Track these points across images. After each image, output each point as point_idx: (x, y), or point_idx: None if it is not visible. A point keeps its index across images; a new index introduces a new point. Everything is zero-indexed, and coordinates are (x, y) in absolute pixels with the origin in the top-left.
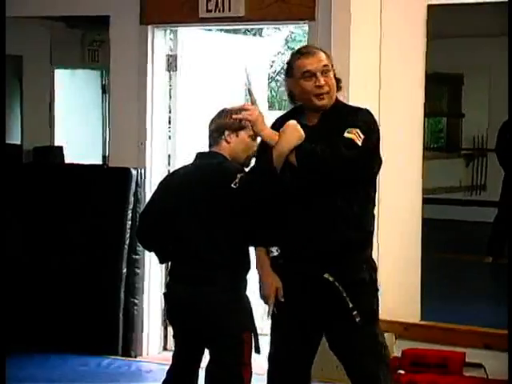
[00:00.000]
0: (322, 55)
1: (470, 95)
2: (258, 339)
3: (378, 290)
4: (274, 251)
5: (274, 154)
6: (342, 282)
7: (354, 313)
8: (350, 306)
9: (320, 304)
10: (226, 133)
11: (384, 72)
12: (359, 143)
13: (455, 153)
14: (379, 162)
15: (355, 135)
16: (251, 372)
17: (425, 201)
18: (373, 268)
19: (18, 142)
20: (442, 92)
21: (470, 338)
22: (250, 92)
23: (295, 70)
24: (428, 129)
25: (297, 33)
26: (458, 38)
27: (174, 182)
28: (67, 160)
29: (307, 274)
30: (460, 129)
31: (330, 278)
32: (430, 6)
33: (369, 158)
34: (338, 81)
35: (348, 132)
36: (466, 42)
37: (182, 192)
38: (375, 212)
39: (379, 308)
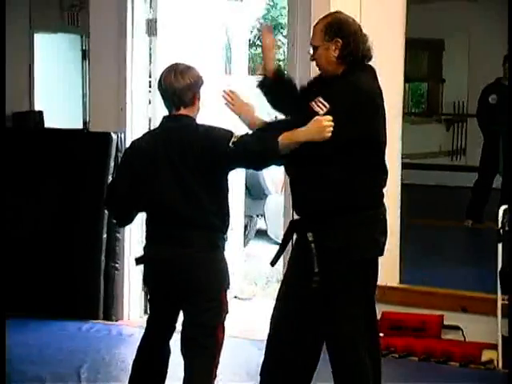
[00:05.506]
0: (315, 30)
1: (450, 60)
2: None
3: (353, 261)
4: None
5: (288, 138)
6: (318, 244)
7: (315, 278)
8: (316, 270)
9: (304, 263)
10: (199, 91)
11: None
12: (320, 111)
13: (435, 118)
14: (370, 127)
15: (315, 104)
16: (224, 330)
17: (404, 166)
18: (353, 236)
19: None
20: (423, 57)
21: (448, 301)
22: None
23: None
24: (409, 94)
25: None
26: (438, 2)
27: (142, 148)
28: (47, 125)
29: (300, 232)
30: (441, 94)
31: (310, 238)
32: None
33: (338, 124)
34: (343, 54)
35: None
36: (446, 6)
37: (156, 156)
38: None
39: (356, 280)
